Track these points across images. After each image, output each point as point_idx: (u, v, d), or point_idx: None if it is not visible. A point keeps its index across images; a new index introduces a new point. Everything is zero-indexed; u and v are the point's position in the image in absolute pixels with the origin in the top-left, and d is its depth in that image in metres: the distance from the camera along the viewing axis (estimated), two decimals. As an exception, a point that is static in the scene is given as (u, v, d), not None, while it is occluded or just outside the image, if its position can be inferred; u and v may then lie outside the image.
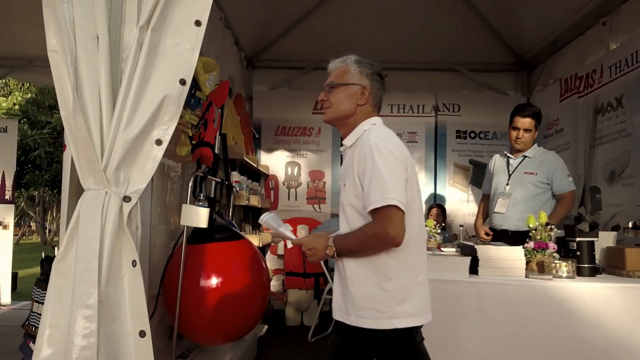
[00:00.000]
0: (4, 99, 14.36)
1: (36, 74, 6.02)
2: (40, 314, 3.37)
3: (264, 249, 4.93)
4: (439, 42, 5.44)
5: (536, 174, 3.21)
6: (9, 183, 5.53)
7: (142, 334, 2.15)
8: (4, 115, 13.15)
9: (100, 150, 2.15)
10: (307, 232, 4.96)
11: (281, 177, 5.64)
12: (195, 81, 2.77)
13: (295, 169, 5.65)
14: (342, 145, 1.94)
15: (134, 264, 2.21)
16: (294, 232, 1.89)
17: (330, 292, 4.26)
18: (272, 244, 5.13)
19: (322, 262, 4.38)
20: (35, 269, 9.49)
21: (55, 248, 3.49)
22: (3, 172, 5.49)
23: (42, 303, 3.38)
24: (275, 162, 5.65)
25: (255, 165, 4.83)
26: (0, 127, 5.57)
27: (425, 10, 5.10)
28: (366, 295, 1.72)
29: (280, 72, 5.88)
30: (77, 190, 2.34)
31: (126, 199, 2.19)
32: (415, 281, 1.76)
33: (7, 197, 5.53)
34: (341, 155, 2.10)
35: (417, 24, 5.26)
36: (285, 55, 5.73)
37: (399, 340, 1.71)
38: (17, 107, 14.39)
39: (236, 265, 2.84)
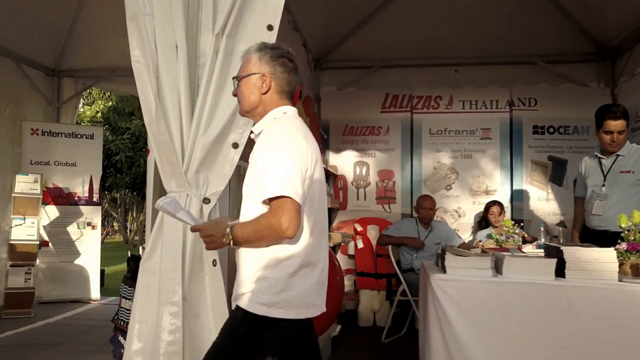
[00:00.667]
0: (88, 107, 15.40)
1: (118, 83, 6.41)
2: (127, 309, 3.58)
3: (334, 249, 4.95)
4: (512, 34, 5.21)
5: (633, 172, 3.06)
6: (96, 186, 5.93)
7: (222, 331, 2.22)
8: (88, 123, 14.10)
9: (181, 154, 2.24)
10: (377, 233, 4.93)
11: (350, 177, 5.64)
12: (268, 84, 2.82)
13: (364, 169, 5.63)
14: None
15: (214, 263, 2.29)
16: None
17: (403, 293, 4.20)
18: (342, 244, 5.14)
19: (394, 263, 4.34)
20: (119, 267, 10.11)
21: (140, 248, 3.70)
22: (91, 176, 5.89)
23: (129, 299, 3.59)
24: (343, 162, 5.66)
25: (324, 166, 4.85)
26: (87, 134, 5.98)
27: (496, 0, 4.91)
28: (248, 280, 1.71)
29: (348, 72, 5.89)
30: (161, 193, 2.46)
31: (206, 200, 2.28)
32: (298, 274, 1.70)
33: (94, 199, 5.93)
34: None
35: (488, 16, 5.07)
36: (352, 55, 5.73)
37: (271, 330, 1.70)
38: (99, 115, 15.38)
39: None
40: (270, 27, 2.22)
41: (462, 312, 2.26)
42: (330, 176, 5.54)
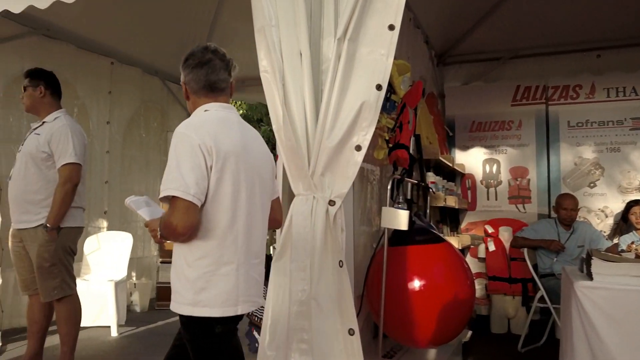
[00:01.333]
0: (223, 117, 16.60)
1: (247, 92, 6.80)
2: (261, 306, 3.80)
3: (463, 252, 4.75)
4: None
5: None
6: (231, 189, 6.38)
7: (351, 332, 2.24)
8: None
9: (307, 158, 2.30)
10: (510, 235, 4.63)
11: (478, 175, 5.38)
12: (390, 85, 2.80)
13: (494, 167, 5.33)
14: None
15: (340, 264, 2.32)
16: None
17: (541, 300, 3.90)
18: (472, 246, 4.92)
19: (531, 267, 4.04)
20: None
21: (271, 247, 3.90)
22: (227, 180, 6.35)
23: (262, 296, 3.81)
24: (471, 160, 5.41)
25: (450, 165, 4.69)
26: (222, 141, 6.45)
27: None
28: (174, 279, 1.75)
29: (474, 66, 5.62)
30: (289, 196, 2.55)
31: (331, 202, 2.31)
32: (219, 272, 1.70)
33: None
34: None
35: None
36: (478, 48, 5.46)
37: (197, 329, 1.70)
38: (232, 123, 16.53)
39: (439, 268, 2.79)
40: (391, 27, 2.19)
41: (613, 324, 2.03)
42: (458, 175, 5.33)
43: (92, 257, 4.65)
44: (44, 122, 3.16)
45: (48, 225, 3.00)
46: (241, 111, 16.27)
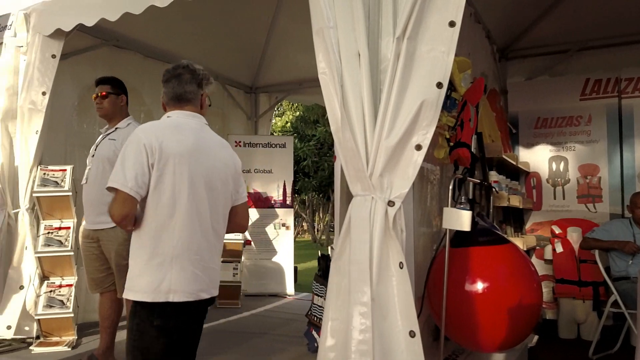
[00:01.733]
0: (279, 118, 16.87)
1: (305, 94, 6.90)
2: (319, 306, 3.82)
3: (528, 253, 4.57)
4: None
5: None
6: (288, 190, 6.48)
7: (412, 334, 2.21)
8: (279, 133, 15.45)
9: (366, 159, 2.29)
10: (579, 236, 4.40)
11: (544, 173, 5.15)
12: (450, 82, 2.74)
13: (562, 164, 5.08)
14: None
15: (400, 265, 2.29)
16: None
17: (614, 304, 3.68)
18: (538, 247, 4.72)
19: (603, 270, 3.83)
20: (310, 264, 10.83)
21: (329, 248, 3.92)
22: (284, 181, 6.45)
23: (321, 296, 3.83)
24: (536, 157, 5.19)
25: (514, 163, 4.52)
26: (280, 143, 6.56)
27: None
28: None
29: (538, 60, 5.39)
30: (347, 196, 2.55)
31: (390, 203, 2.29)
32: (153, 262, 1.86)
33: (287, 202, 6.49)
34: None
35: None
36: (543, 41, 5.23)
37: (135, 309, 1.91)
38: (289, 124, 16.74)
39: (504, 270, 2.70)
40: (452, 24, 2.15)
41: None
42: (522, 174, 5.13)
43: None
44: (117, 128, 3.33)
45: None
46: (298, 112, 16.44)
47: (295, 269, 6.67)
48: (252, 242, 6.31)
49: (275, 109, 10.41)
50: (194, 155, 1.95)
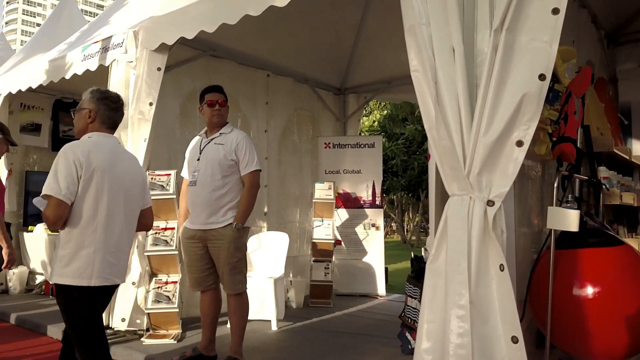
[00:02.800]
0: (366, 118, 16.83)
1: (394, 92, 6.83)
2: (413, 307, 3.76)
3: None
4: None
5: None
6: (378, 190, 6.44)
7: (514, 339, 2.11)
8: (366, 133, 15.41)
9: (462, 157, 2.22)
10: None
11: (663, 169, 4.68)
12: (553, 73, 2.58)
13: (682, 158, 4.59)
14: None
15: (501, 268, 2.20)
16: None
17: None
18: (655, 249, 4.30)
19: None
20: (399, 265, 10.68)
21: (423, 249, 3.85)
22: (373, 181, 6.43)
23: (414, 298, 3.77)
24: (653, 151, 4.73)
25: (626, 157, 4.15)
26: (368, 143, 6.55)
27: None
28: (53, 256, 2.42)
29: (652, 44, 4.91)
30: (442, 196, 2.49)
31: (490, 203, 2.20)
32: (80, 253, 2.33)
33: (377, 202, 6.45)
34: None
35: None
36: (658, 22, 4.75)
37: (62, 294, 2.36)
38: (376, 124, 16.64)
39: (618, 273, 2.49)
40: (555, 11, 2.02)
41: None
42: (636, 169, 4.70)
43: (254, 255, 5.04)
44: (221, 134, 3.53)
45: (238, 224, 3.35)
46: (385, 111, 16.32)
47: (386, 269, 6.62)
48: (342, 242, 6.35)
49: (364, 108, 10.44)
50: (110, 169, 2.40)
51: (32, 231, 6.36)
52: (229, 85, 5.03)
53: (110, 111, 2.53)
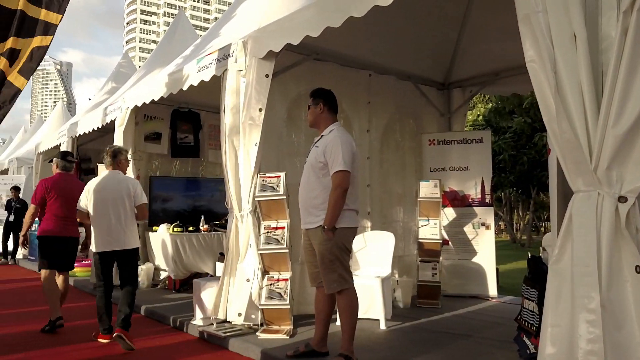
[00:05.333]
0: (470, 112, 16.22)
1: (502, 85, 6.52)
2: (530, 310, 3.56)
3: None
4: None
5: None
6: (487, 188, 6.18)
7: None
8: (470, 127, 14.82)
9: (588, 151, 2.08)
10: None
11: None
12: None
13: None
14: None
15: (637, 269, 2.03)
16: None
17: None
18: None
19: None
20: (510, 265, 10.18)
21: (541, 249, 3.64)
22: (482, 178, 6.17)
23: (532, 300, 3.57)
24: None
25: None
26: (476, 138, 6.30)
27: None
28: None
29: None
30: (565, 193, 2.34)
31: (622, 199, 2.04)
32: (94, 233, 4.36)
33: (486, 200, 6.19)
34: None
35: None
36: None
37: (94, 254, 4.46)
38: (480, 118, 15.97)
39: None
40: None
41: None
42: None
43: (360, 255, 5.08)
44: (322, 136, 3.61)
45: (325, 226, 3.41)
46: (490, 104, 15.61)
47: (497, 270, 6.33)
48: (450, 242, 6.19)
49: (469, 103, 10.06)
50: (103, 190, 4.38)
51: (156, 231, 6.97)
52: (332, 87, 5.11)
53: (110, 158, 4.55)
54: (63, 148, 9.11)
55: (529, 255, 3.64)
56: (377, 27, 5.16)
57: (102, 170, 4.74)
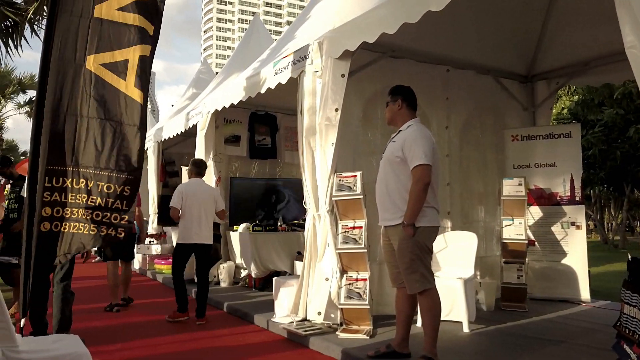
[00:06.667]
0: (554, 105, 15.30)
1: (592, 75, 6.09)
2: (632, 317, 3.29)
3: None
4: None
5: None
6: (577, 185, 5.78)
7: None
8: (554, 122, 13.98)
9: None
10: None
11: None
12: None
13: None
14: None
15: None
16: None
17: None
18: None
19: None
20: (601, 268, 9.51)
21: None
22: (571, 175, 5.78)
23: (633, 305, 3.29)
24: None
25: None
26: (564, 132, 5.92)
27: None
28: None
29: None
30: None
31: None
32: (184, 225, 5.29)
33: (576, 198, 5.79)
34: None
35: None
36: None
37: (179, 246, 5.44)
38: (565, 111, 15.03)
39: None
40: None
41: None
42: None
43: (440, 255, 4.94)
44: (400, 131, 3.55)
45: (405, 222, 3.33)
46: (576, 96, 14.64)
47: (589, 273, 5.92)
48: (536, 243, 5.87)
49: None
50: (194, 194, 5.29)
51: (236, 230, 7.20)
52: (408, 84, 5.05)
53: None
54: (150, 152, 9.67)
55: (629, 257, 3.36)
56: (454, 21, 5.00)
57: (185, 174, 5.64)
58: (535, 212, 5.93)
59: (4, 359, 2.08)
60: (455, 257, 4.89)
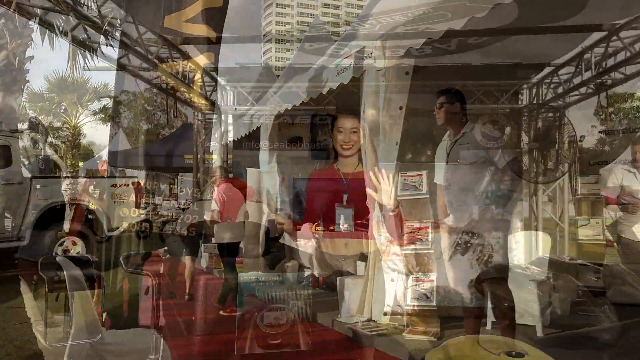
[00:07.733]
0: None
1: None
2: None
3: None
4: None
5: None
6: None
7: None
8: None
9: None
10: None
11: None
12: None
13: None
14: None
15: None
16: None
17: None
18: None
19: None
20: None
21: None
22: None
23: None
24: None
25: None
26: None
27: None
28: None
29: None
30: None
31: None
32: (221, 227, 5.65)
33: (660, 197, 5.37)
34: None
35: None
36: None
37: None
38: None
39: None
40: None
41: None
42: None
43: (511, 256, 4.75)
44: (464, 133, 3.51)
45: None
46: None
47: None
48: (614, 244, 5.51)
49: None
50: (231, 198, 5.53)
51: (299, 230, 7.26)
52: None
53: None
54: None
55: None
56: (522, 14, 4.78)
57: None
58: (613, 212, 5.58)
59: (92, 350, 2.23)
60: (526, 258, 4.71)
